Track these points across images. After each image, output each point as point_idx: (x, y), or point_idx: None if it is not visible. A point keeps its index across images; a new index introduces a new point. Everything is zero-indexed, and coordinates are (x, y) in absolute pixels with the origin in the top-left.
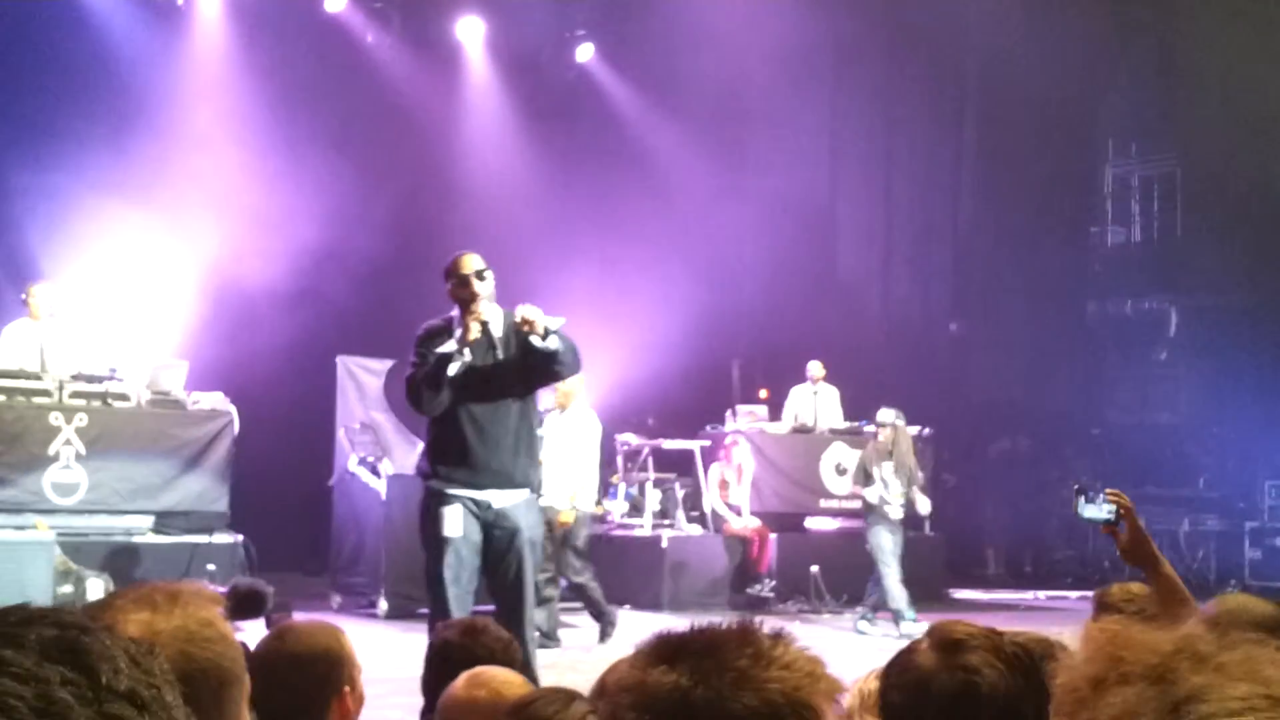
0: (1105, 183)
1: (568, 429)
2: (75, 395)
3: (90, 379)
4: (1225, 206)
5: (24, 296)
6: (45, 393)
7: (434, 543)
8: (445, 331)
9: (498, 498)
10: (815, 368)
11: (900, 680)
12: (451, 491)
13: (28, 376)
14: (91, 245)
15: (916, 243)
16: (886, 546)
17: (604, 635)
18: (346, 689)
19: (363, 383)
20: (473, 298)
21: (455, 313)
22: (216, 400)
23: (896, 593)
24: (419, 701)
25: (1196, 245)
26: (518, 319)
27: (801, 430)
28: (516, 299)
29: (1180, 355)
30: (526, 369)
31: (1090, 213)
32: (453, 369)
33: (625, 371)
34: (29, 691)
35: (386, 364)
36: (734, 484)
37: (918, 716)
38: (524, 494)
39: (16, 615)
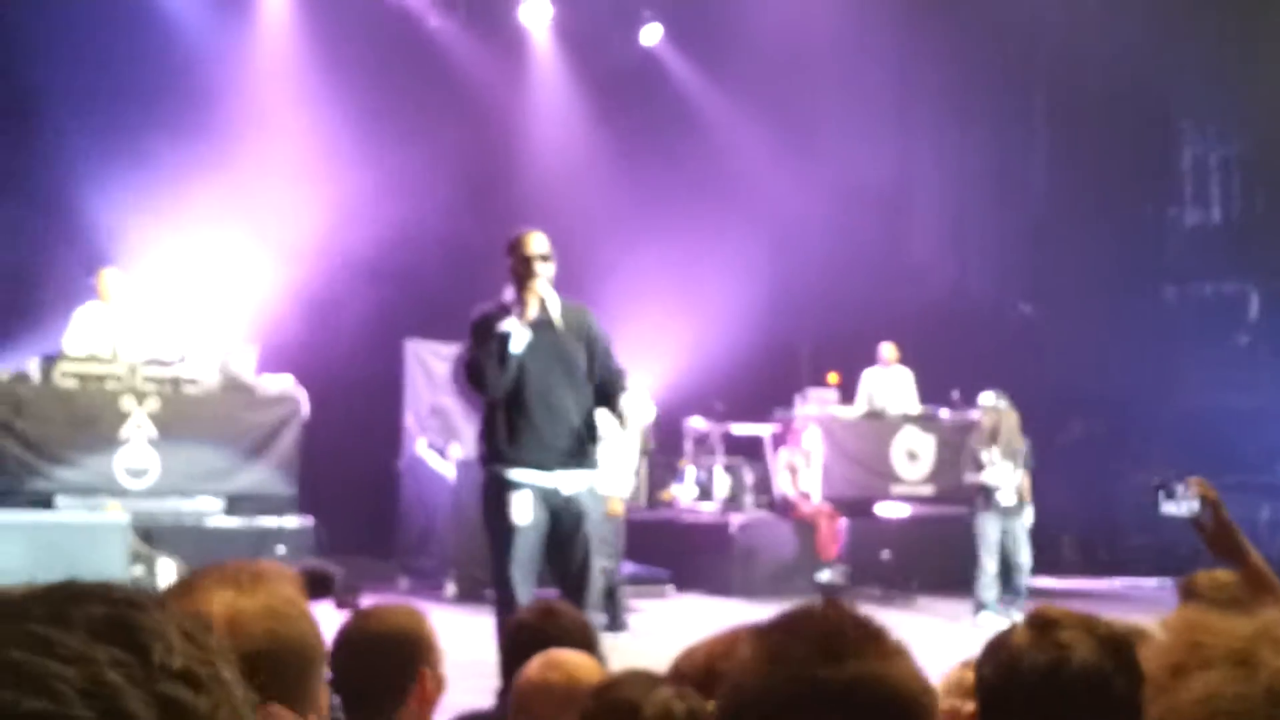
0: (1183, 162)
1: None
2: (147, 379)
3: (161, 363)
4: None
5: (94, 280)
6: (117, 377)
7: (501, 530)
8: (500, 314)
9: (565, 482)
10: (888, 350)
11: (993, 658)
12: (517, 477)
13: (99, 361)
14: (163, 230)
15: (989, 224)
16: (990, 536)
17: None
18: (426, 671)
19: (431, 367)
20: (531, 276)
21: (508, 295)
22: (286, 384)
23: (985, 582)
24: (488, 684)
25: (1277, 227)
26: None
27: (873, 415)
28: (585, 281)
29: (1261, 339)
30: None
31: (1168, 193)
32: (516, 346)
33: (693, 355)
34: (76, 673)
35: (454, 348)
36: (803, 469)
37: (1009, 693)
38: (590, 476)
39: (63, 592)
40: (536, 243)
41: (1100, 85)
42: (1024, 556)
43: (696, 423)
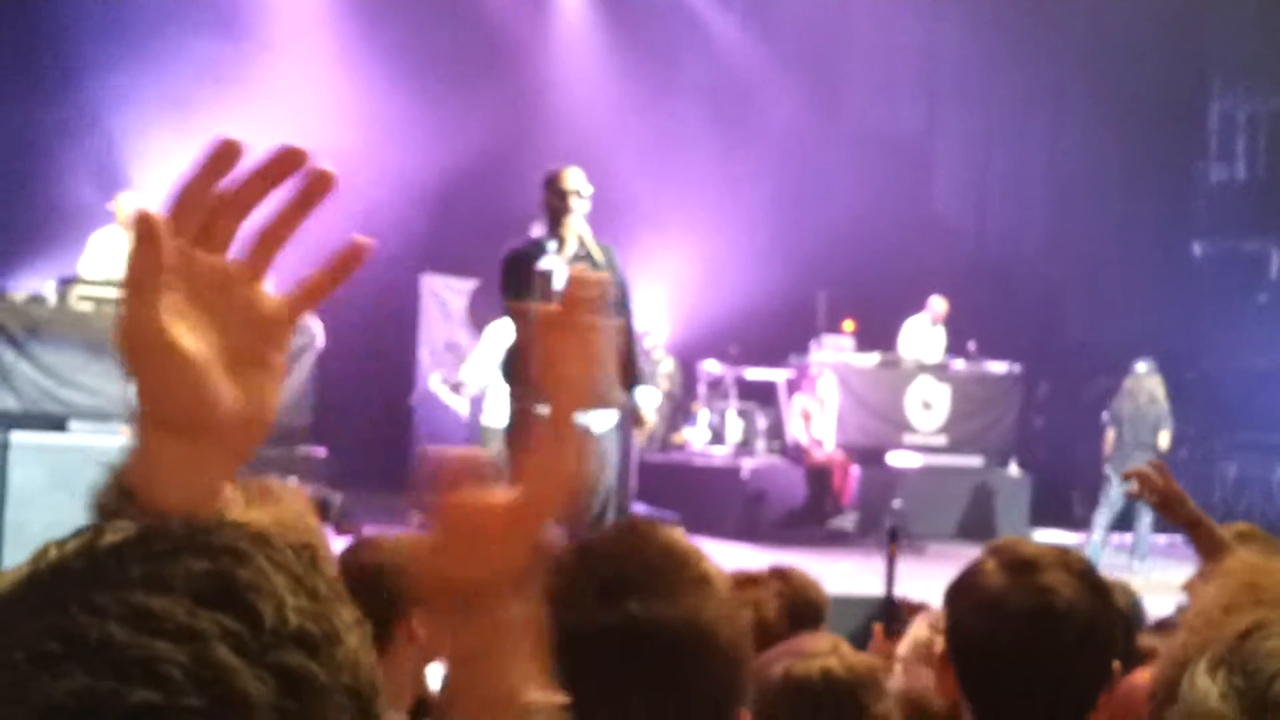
0: (1211, 119)
1: None
2: None
3: None
4: None
5: (111, 205)
6: None
7: None
8: (534, 252)
9: (594, 421)
10: (938, 304)
11: (970, 604)
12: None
13: (116, 286)
14: (180, 156)
15: (1013, 177)
16: (1110, 495)
17: None
18: (417, 610)
19: (447, 302)
20: (567, 211)
21: (536, 231)
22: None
23: (1096, 536)
24: None
25: None
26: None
27: (888, 363)
28: (608, 227)
29: None
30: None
31: (1194, 150)
32: (558, 282)
33: (709, 299)
34: (185, 655)
35: (471, 284)
36: (817, 416)
37: (991, 641)
38: (615, 417)
39: (160, 544)
40: (574, 178)
41: (1130, 41)
42: (1145, 516)
43: (711, 366)
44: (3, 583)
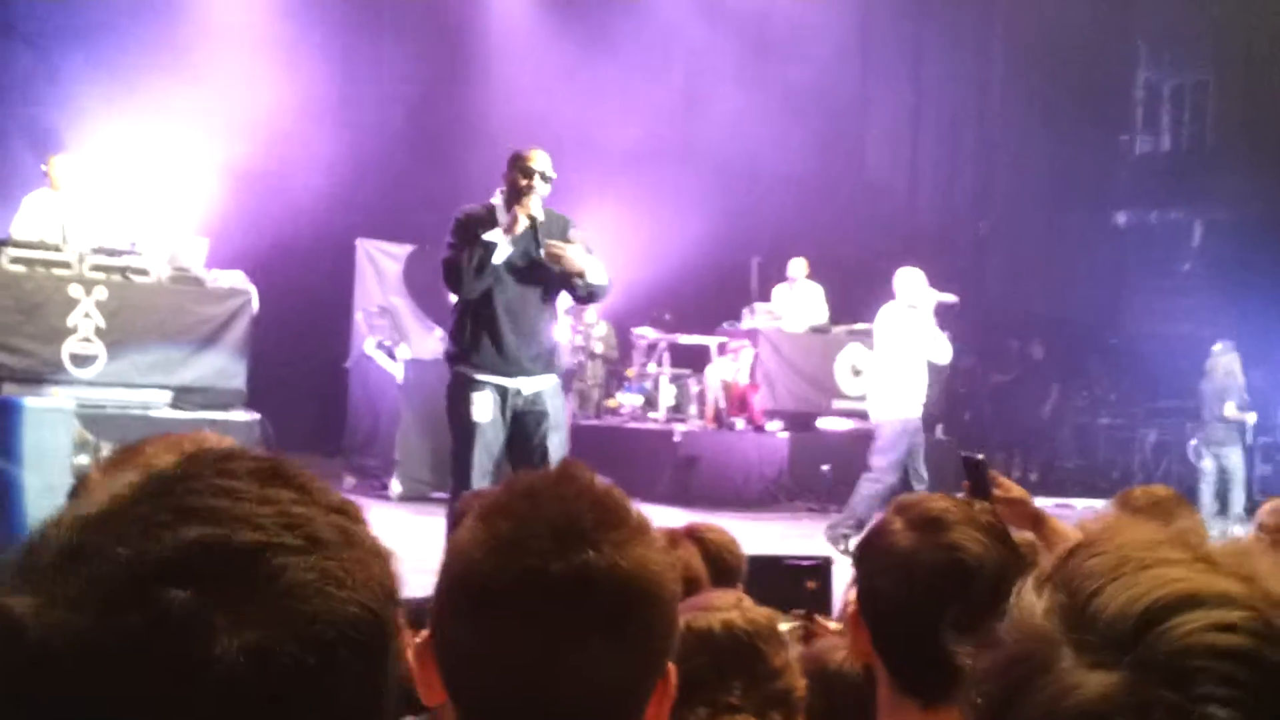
0: (1136, 90)
1: None
2: (95, 268)
3: (110, 252)
4: (1257, 119)
5: (44, 167)
6: (65, 264)
7: (462, 427)
8: (486, 218)
9: (527, 384)
10: (797, 266)
11: (880, 566)
12: (481, 378)
13: (48, 248)
14: (114, 118)
15: (944, 143)
16: (1204, 470)
17: None
18: None
19: (382, 267)
20: (528, 192)
21: (497, 200)
22: (236, 279)
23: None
24: (431, 580)
25: (1225, 157)
26: (547, 256)
27: (818, 330)
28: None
29: (1202, 267)
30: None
31: (1120, 120)
32: (498, 257)
33: (643, 266)
34: (271, 511)
35: (406, 249)
36: (734, 381)
37: (904, 600)
38: (552, 380)
39: (214, 454)
40: (540, 160)
41: (1057, 12)
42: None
43: (645, 332)
44: (103, 497)
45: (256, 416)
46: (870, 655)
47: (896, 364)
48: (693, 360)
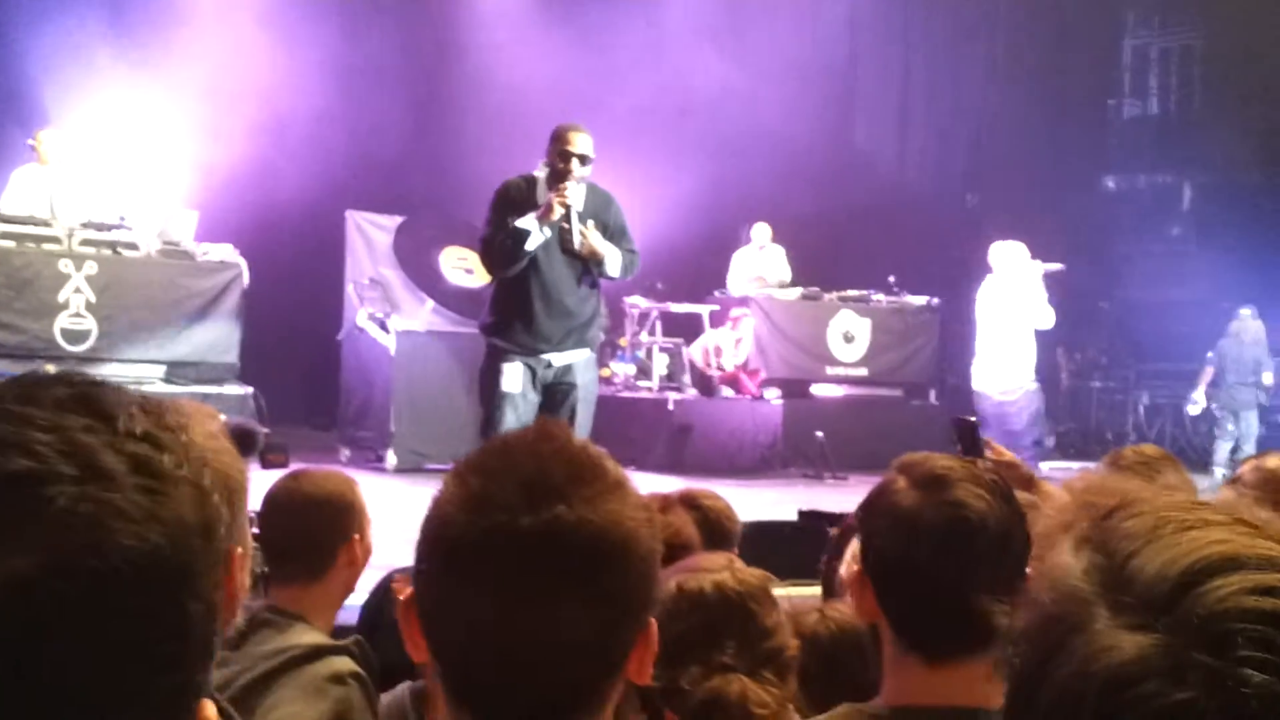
0: (1124, 55)
1: None
2: (85, 243)
3: (100, 227)
4: (1245, 82)
5: (31, 142)
6: (54, 239)
7: (493, 397)
8: (527, 196)
9: (558, 358)
10: (760, 231)
11: (883, 523)
12: (512, 350)
13: (36, 223)
14: (102, 92)
15: (934, 112)
16: (1224, 427)
17: None
18: (356, 537)
19: (372, 238)
20: (566, 175)
21: (540, 173)
22: (226, 252)
23: (1219, 472)
24: None
25: (1213, 121)
26: (580, 247)
27: (809, 296)
28: (525, 159)
29: (1192, 231)
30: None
31: (1108, 85)
32: (531, 244)
33: (635, 234)
34: (54, 438)
35: (396, 220)
36: (729, 352)
37: (908, 558)
38: (585, 353)
39: (30, 378)
40: (581, 142)
41: None
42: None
43: (636, 301)
44: None
45: (250, 390)
46: (875, 614)
47: (1005, 336)
48: (685, 329)
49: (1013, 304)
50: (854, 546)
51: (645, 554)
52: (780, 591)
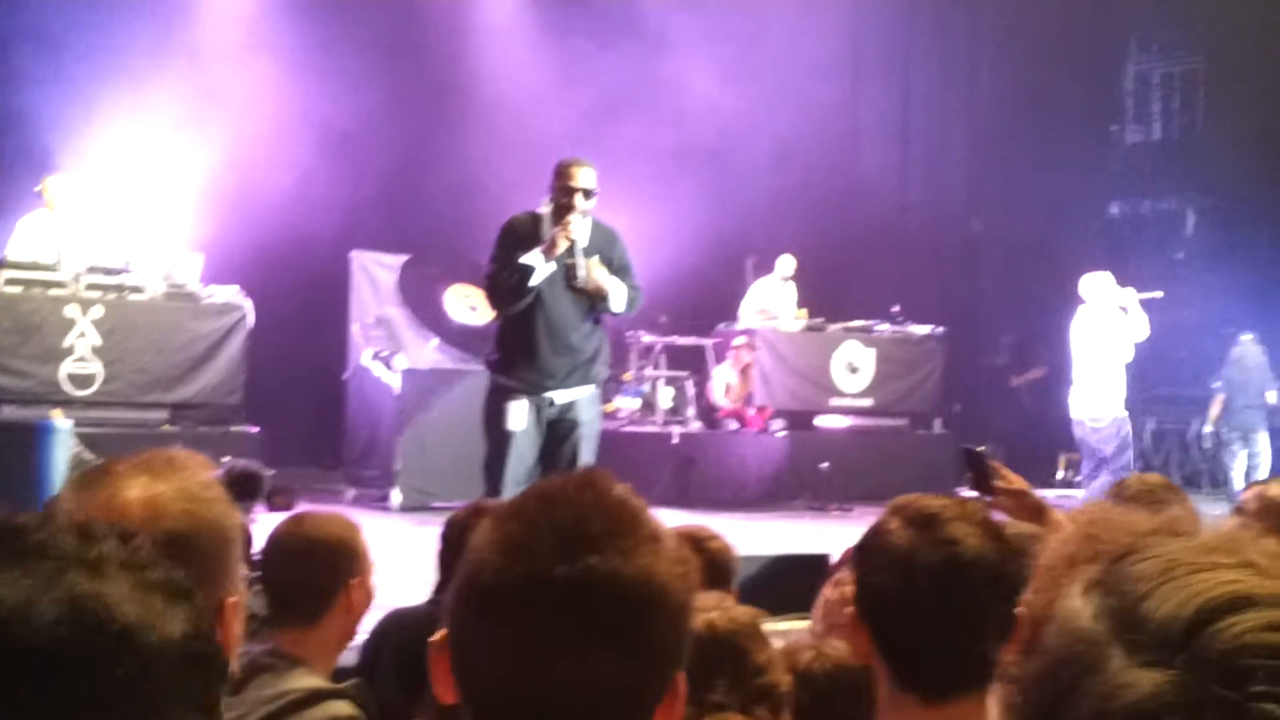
0: (1127, 80)
1: None
2: (91, 287)
3: (106, 271)
4: (1248, 107)
5: (39, 189)
6: (61, 285)
7: (497, 435)
8: (532, 232)
9: (562, 395)
10: (787, 264)
11: (878, 563)
12: (517, 389)
13: (43, 269)
14: (107, 137)
15: (935, 139)
16: (1234, 451)
17: None
18: (356, 581)
19: (376, 278)
20: (571, 209)
21: (545, 209)
22: (231, 294)
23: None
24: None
25: (1216, 145)
26: (585, 282)
27: (813, 328)
28: (526, 193)
29: (1196, 256)
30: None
31: (1111, 110)
32: (536, 279)
33: (638, 268)
34: None
35: (400, 259)
36: (736, 386)
37: (904, 597)
38: (588, 390)
39: None
40: (584, 176)
41: (1047, 2)
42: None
43: (640, 335)
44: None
45: (256, 431)
46: (870, 655)
47: (1099, 366)
48: (689, 363)
49: (1103, 334)
50: (845, 589)
51: (677, 607)
52: (783, 625)
